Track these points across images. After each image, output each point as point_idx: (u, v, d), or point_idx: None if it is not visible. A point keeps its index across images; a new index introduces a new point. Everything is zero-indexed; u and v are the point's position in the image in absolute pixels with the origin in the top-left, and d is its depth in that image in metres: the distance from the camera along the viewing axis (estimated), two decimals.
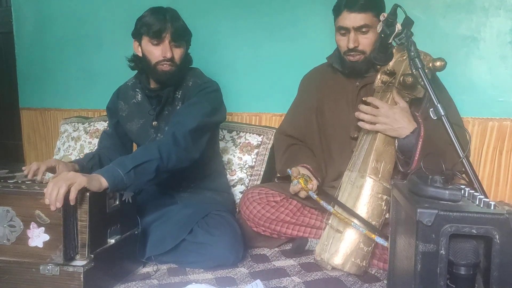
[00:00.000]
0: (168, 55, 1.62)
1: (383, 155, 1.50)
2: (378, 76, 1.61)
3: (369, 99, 1.52)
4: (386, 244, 1.33)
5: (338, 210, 1.48)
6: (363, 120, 1.52)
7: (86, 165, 1.70)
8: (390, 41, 1.43)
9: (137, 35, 1.69)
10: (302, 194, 1.64)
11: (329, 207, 1.50)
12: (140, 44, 1.68)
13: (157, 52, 1.64)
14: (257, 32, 2.37)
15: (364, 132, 1.58)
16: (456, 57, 1.98)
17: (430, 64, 1.47)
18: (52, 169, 1.54)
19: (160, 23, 1.61)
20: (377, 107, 1.49)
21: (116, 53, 1.76)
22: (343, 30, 1.63)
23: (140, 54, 1.70)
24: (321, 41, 2.23)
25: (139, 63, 1.72)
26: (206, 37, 2.47)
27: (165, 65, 1.64)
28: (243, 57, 2.42)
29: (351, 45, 1.62)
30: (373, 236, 1.38)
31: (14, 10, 3.10)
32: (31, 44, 3.05)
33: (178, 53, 1.66)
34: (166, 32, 1.61)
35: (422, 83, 1.37)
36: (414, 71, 1.38)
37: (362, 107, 1.52)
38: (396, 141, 1.50)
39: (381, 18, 1.43)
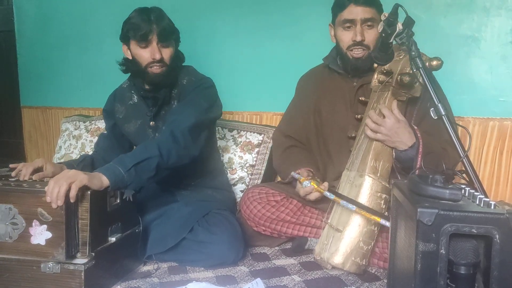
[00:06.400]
0: (157, 56, 1.62)
1: (382, 154, 1.50)
2: (375, 76, 1.62)
3: (380, 107, 1.51)
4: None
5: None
6: (368, 126, 1.51)
7: (76, 167, 1.67)
8: (391, 40, 1.43)
9: (124, 39, 1.68)
10: (313, 196, 1.59)
11: (350, 206, 1.44)
12: (128, 48, 1.68)
13: (146, 55, 1.63)
14: (258, 31, 2.37)
15: (363, 132, 1.58)
16: (457, 57, 1.98)
17: (427, 64, 1.47)
18: (39, 170, 1.52)
19: (146, 25, 1.60)
20: (383, 116, 1.48)
21: (118, 51, 1.75)
22: (348, 23, 1.62)
23: (130, 57, 1.70)
24: (321, 40, 2.21)
25: (131, 66, 1.72)
26: (206, 36, 2.47)
27: (155, 67, 1.64)
28: (244, 56, 2.42)
29: (359, 38, 1.60)
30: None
31: (15, 8, 3.10)
32: (32, 42, 3.05)
33: (167, 53, 1.65)
34: (152, 34, 1.60)
35: (423, 82, 1.37)
36: (415, 70, 1.38)
37: (372, 114, 1.51)
38: (394, 152, 1.50)
39: (382, 17, 1.44)
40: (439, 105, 1.32)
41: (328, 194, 1.51)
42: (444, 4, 2.02)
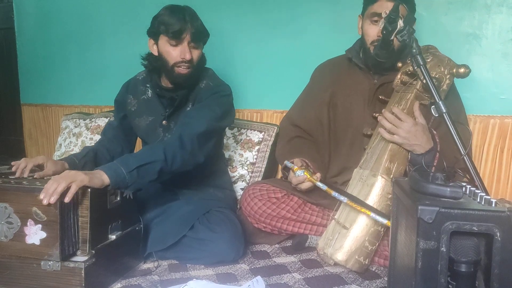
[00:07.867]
0: (187, 56, 1.58)
1: (397, 156, 1.48)
2: (398, 76, 1.59)
3: (395, 110, 1.47)
4: None
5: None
6: (383, 127, 1.49)
7: (78, 163, 1.65)
8: (392, 37, 1.43)
9: (154, 33, 1.63)
10: (305, 185, 1.61)
11: (342, 198, 1.47)
12: (156, 43, 1.64)
13: (175, 53, 1.60)
14: (260, 28, 2.37)
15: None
16: (458, 55, 1.97)
17: (454, 70, 1.45)
18: (40, 167, 1.51)
19: (180, 23, 1.56)
20: (400, 120, 1.45)
21: (118, 49, 1.74)
22: (376, 17, 1.60)
23: (156, 53, 1.66)
24: (323, 38, 2.23)
25: (154, 62, 1.68)
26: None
27: (182, 67, 1.61)
28: (245, 53, 2.42)
29: None
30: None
31: (15, 5, 3.10)
32: (32, 39, 3.04)
33: (196, 54, 1.63)
34: (186, 32, 1.57)
35: (424, 80, 1.37)
36: (415, 68, 1.38)
37: (387, 114, 1.48)
38: (409, 155, 1.48)
39: (383, 15, 1.43)
40: (440, 102, 1.32)
41: (320, 184, 1.55)
42: (445, 2, 2.01)
